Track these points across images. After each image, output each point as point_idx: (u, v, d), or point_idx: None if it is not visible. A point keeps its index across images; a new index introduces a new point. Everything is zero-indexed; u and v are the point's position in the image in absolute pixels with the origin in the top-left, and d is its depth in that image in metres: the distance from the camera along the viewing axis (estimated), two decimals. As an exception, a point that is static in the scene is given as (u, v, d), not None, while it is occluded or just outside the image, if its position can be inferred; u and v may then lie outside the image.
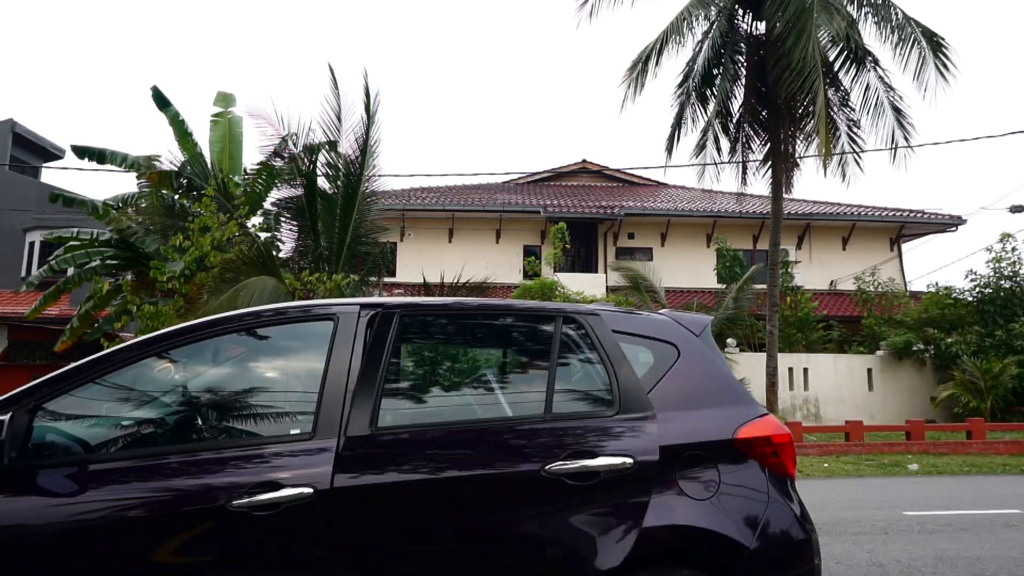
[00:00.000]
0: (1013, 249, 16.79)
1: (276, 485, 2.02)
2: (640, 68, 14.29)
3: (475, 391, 2.73)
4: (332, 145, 12.22)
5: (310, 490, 2.02)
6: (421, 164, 78.01)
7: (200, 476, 2.06)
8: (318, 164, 12.37)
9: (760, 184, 15.31)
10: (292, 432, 2.26)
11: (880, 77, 13.57)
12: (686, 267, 21.16)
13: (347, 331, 2.33)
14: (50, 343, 15.50)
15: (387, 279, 18.95)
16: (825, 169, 13.49)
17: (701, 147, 14.62)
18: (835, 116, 13.66)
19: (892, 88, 13.60)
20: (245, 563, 2.02)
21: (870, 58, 13.51)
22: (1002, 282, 16.77)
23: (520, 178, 25.55)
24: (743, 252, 20.55)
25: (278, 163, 12.25)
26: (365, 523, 2.09)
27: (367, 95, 11.84)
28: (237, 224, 11.23)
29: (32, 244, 19.65)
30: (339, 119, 11.98)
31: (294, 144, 12.08)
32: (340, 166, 12.23)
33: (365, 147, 12.00)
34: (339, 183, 12.23)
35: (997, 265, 16.88)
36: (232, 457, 2.13)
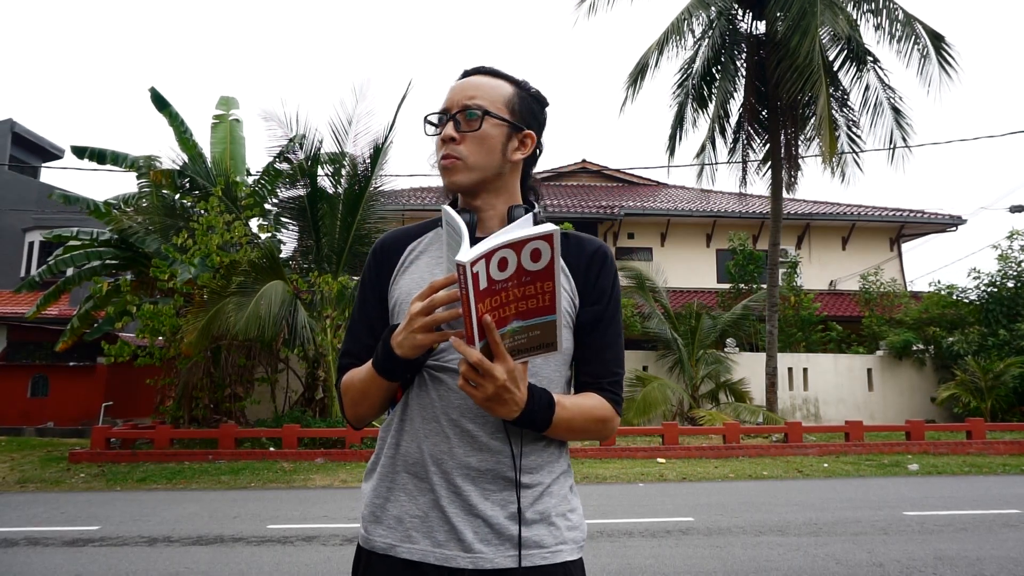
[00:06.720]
0: (1022, 248, 16.65)
1: None
2: (640, 72, 14.32)
3: None
4: (341, 150, 12.28)
5: None
6: (421, 164, 78.12)
7: None
8: (323, 165, 12.43)
9: (761, 184, 15.31)
10: None
11: (879, 77, 13.58)
12: (686, 267, 21.14)
13: None
14: (50, 343, 15.49)
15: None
16: (832, 170, 13.50)
17: (701, 148, 14.63)
18: (835, 116, 13.64)
19: (891, 88, 13.61)
20: None
21: (870, 57, 13.51)
22: (1007, 281, 16.67)
23: (520, 178, 25.51)
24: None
25: (284, 165, 12.30)
26: None
27: (401, 101, 12.02)
28: (244, 224, 11.23)
29: (32, 244, 19.64)
30: (349, 123, 12.04)
31: (300, 145, 12.11)
32: (346, 168, 12.27)
33: (381, 150, 12.05)
34: (343, 184, 12.26)
35: (1004, 263, 16.77)
36: None
